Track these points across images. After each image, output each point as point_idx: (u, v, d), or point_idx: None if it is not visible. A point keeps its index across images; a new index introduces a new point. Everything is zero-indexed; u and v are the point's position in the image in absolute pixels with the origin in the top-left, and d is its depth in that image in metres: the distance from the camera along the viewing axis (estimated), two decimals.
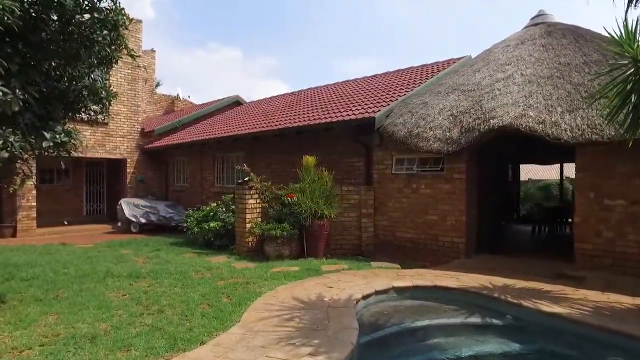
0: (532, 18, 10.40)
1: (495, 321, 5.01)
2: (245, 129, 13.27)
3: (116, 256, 8.67)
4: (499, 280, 6.24)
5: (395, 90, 11.27)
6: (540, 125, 7.14)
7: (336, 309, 4.73)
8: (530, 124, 7.20)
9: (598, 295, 5.62)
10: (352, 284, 5.98)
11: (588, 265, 7.05)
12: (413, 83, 11.43)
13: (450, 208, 8.44)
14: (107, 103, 5.62)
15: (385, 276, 6.50)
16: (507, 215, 14.28)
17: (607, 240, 6.92)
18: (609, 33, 5.36)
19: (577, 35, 8.95)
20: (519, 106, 7.60)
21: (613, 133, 6.59)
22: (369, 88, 12.89)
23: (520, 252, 8.99)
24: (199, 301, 5.23)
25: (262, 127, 12.57)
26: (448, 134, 8.25)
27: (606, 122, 6.30)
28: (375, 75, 15.49)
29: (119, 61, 5.57)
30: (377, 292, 5.57)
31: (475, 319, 5.09)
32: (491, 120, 7.65)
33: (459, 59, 12.79)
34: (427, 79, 11.25)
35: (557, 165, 25.16)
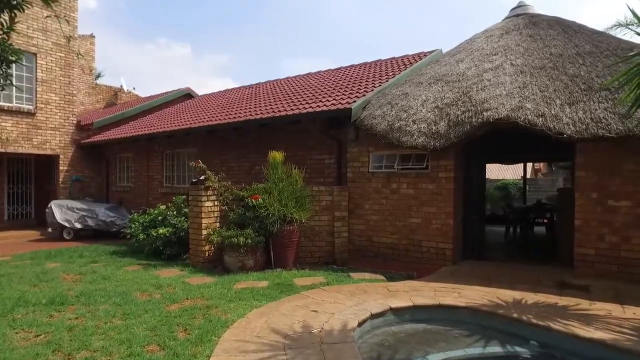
0: (513, 9, 9.83)
1: (519, 350, 4.12)
2: (198, 122, 11.84)
3: (38, 273, 7.04)
4: (506, 294, 5.41)
5: (368, 81, 10.32)
6: (540, 119, 6.42)
7: (333, 346, 3.62)
8: (529, 117, 6.46)
9: (619, 309, 4.91)
10: (339, 305, 4.90)
11: (590, 272, 6.41)
12: (386, 75, 10.54)
13: (435, 210, 7.58)
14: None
15: (376, 293, 5.48)
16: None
17: (611, 244, 6.31)
18: (634, 13, 4.69)
19: (564, 26, 8.41)
20: (514, 98, 6.86)
21: (621, 127, 5.96)
22: (338, 80, 11.89)
23: (506, 257, 8.31)
24: (145, 340, 3.92)
25: (219, 119, 11.21)
26: (434, 127, 7.39)
27: (627, 114, 5.65)
28: (339, 68, 14.51)
29: (49, 42, 4.11)
30: (372, 316, 4.53)
31: (495, 348, 4.18)
32: (484, 113, 6.86)
33: (430, 52, 12.08)
34: (401, 70, 10.41)
35: (513, 165, 25.53)
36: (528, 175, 22.90)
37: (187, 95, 19.61)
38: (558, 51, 7.65)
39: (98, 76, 26.22)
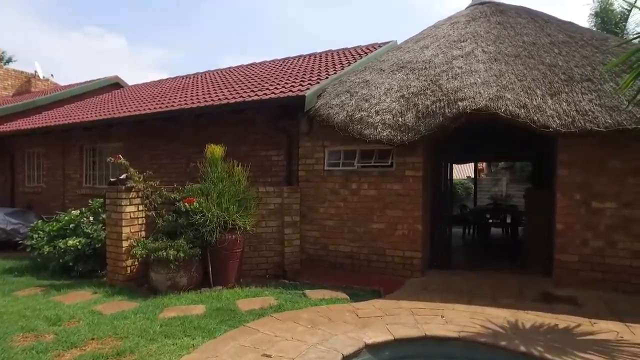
0: None
1: None
2: (125, 112, 10.15)
3: None
4: (495, 315, 4.54)
5: (321, 69, 9.24)
6: (522, 110, 5.67)
7: None
8: (511, 107, 5.69)
9: (624, 329, 4.19)
10: (299, 343, 3.75)
11: (573, 280, 5.75)
12: (340, 64, 9.52)
13: (401, 214, 6.64)
14: None
15: (342, 321, 4.38)
16: None
17: (595, 250, 5.69)
18: None
19: (533, 15, 7.83)
20: (491, 86, 6.07)
21: (610, 121, 5.33)
22: (287, 69, 10.70)
23: (473, 264, 7.58)
24: None
25: (149, 109, 9.61)
26: (401, 119, 6.45)
27: (629, 104, 4.99)
28: (287, 58, 13.31)
29: None
30: (345, 358, 3.42)
31: None
32: (459, 103, 6.01)
33: (384, 43, 11.24)
34: (356, 60, 9.43)
35: (457, 165, 25.62)
36: (472, 176, 23.01)
37: (115, 85, 17.48)
38: (531, 39, 7.00)
39: (9, 61, 23.01)
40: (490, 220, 10.80)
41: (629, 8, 18.68)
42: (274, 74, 10.42)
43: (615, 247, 5.59)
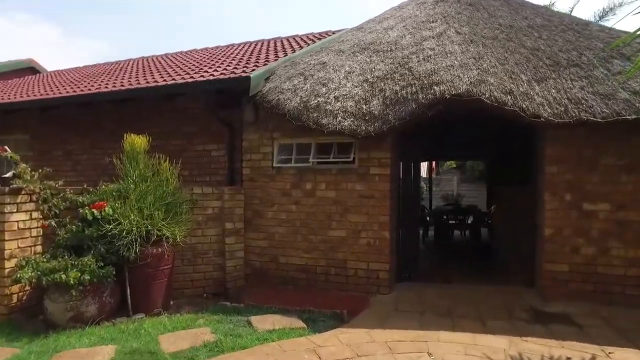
0: None
1: None
2: (31, 96, 8.38)
3: None
4: (492, 346, 3.62)
5: (269, 53, 8.06)
6: (509, 97, 4.83)
7: None
8: (496, 93, 4.84)
9: None
10: None
11: (562, 293, 5.01)
12: (292, 48, 8.39)
13: (365, 219, 5.63)
14: None
15: None
16: None
17: (587, 258, 4.97)
18: None
19: None
20: (471, 70, 5.20)
21: (606, 110, 4.61)
22: (231, 54, 9.38)
23: (444, 273, 6.71)
24: None
25: (60, 93, 7.94)
26: (365, 106, 5.44)
27: None
28: (231, 45, 11.94)
29: None
30: None
31: None
32: (435, 88, 5.08)
33: (337, 31, 10.23)
34: (309, 45, 8.34)
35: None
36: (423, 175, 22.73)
37: (30, 68, 15.16)
38: (507, 22, 6.26)
39: None
40: (452, 222, 10.11)
41: None
42: (215, 58, 9.08)
43: (608, 254, 4.91)
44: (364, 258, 5.64)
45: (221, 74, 6.38)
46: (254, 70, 6.19)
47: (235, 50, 10.14)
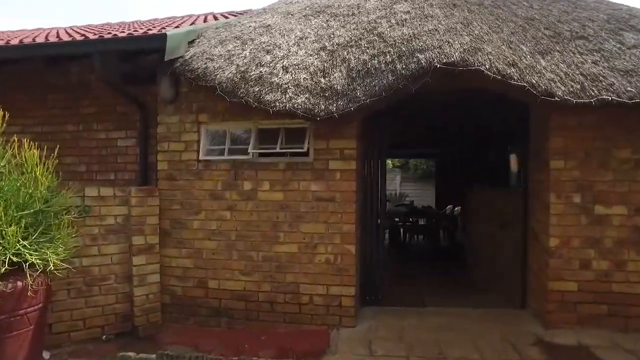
0: None
1: None
2: None
3: None
4: None
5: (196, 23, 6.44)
6: (513, 70, 3.71)
7: None
8: (497, 64, 3.69)
9: None
10: None
11: (570, 318, 4.03)
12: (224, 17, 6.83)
13: (323, 229, 4.28)
14: None
15: None
16: None
17: (599, 274, 4.01)
18: None
19: None
20: (461, 35, 4.03)
21: (631, 89, 3.65)
22: (150, 25, 7.58)
23: (417, 291, 5.50)
24: None
25: None
26: (324, 80, 4.09)
27: None
28: (154, 19, 9.98)
29: None
30: None
31: None
32: (419, 55, 3.83)
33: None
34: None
35: None
36: None
37: None
38: None
39: None
40: (407, 225, 9.06)
41: None
42: (131, 28, 7.23)
43: (625, 268, 3.98)
44: (322, 280, 4.30)
45: (129, 33, 4.70)
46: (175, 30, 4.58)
47: (158, 23, 8.33)
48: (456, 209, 8.99)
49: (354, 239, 4.25)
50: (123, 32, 5.24)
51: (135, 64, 4.71)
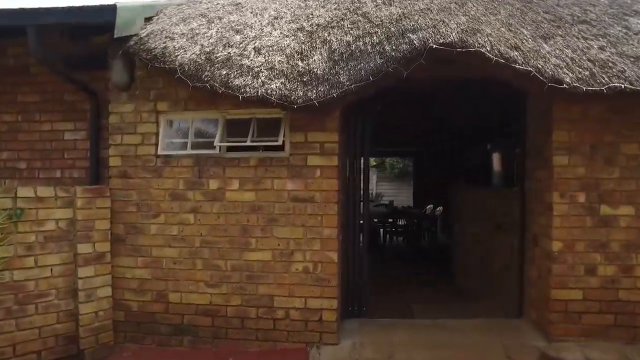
0: None
1: None
2: None
3: None
4: None
5: None
6: (517, 53, 3.29)
7: None
8: (499, 47, 3.26)
9: None
10: None
11: (574, 329, 3.66)
12: None
13: (301, 234, 3.77)
14: None
15: None
16: None
17: (605, 280, 3.64)
18: None
19: None
20: (456, 15, 3.58)
21: None
22: None
23: (402, 299, 5.04)
24: None
25: None
26: (302, 63, 3.58)
27: None
28: None
29: None
30: None
31: None
32: (411, 36, 3.36)
33: None
34: None
35: None
36: None
37: None
38: None
39: None
40: (387, 226, 8.62)
41: None
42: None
43: (632, 274, 3.63)
44: (299, 292, 3.78)
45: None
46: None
47: None
48: (437, 209, 8.63)
49: (335, 245, 3.75)
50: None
51: (85, 44, 4.08)
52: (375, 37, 3.56)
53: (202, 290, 3.90)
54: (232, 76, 3.51)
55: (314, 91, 3.39)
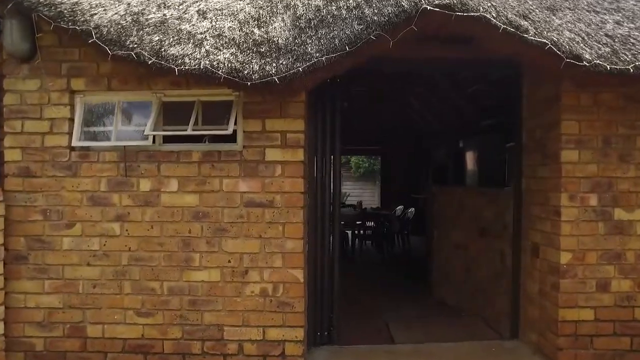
0: None
1: None
2: None
3: None
4: None
5: None
6: (527, 22, 2.65)
7: None
8: (509, 14, 2.61)
9: None
10: None
11: (586, 355, 3.09)
12: None
13: (258, 247, 3.00)
14: None
15: None
16: None
17: (619, 297, 3.09)
18: None
19: None
20: None
21: None
22: None
23: (375, 313, 4.37)
24: None
25: None
26: (259, 30, 2.81)
27: None
28: None
29: None
30: None
31: None
32: None
33: None
34: None
35: None
36: None
37: None
38: None
39: None
40: (359, 231, 7.92)
41: None
42: None
43: None
44: (256, 320, 3.00)
45: None
46: None
47: None
48: (409, 210, 8.04)
49: (301, 261, 3.00)
50: None
51: None
52: (351, 0, 2.83)
53: (132, 321, 3.05)
54: (166, 43, 2.69)
55: (274, 65, 2.63)
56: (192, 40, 2.72)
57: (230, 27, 2.83)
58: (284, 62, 2.64)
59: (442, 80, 4.35)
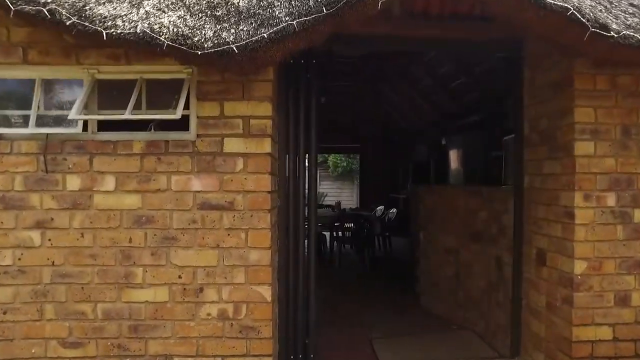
0: None
1: None
2: None
3: None
4: None
5: None
6: None
7: None
8: None
9: None
10: None
11: None
12: None
13: (215, 259, 2.44)
14: None
15: None
16: None
17: (638, 312, 2.67)
18: None
19: None
20: None
21: None
22: None
23: (358, 331, 3.85)
24: None
25: None
26: None
27: None
28: None
29: None
30: None
31: None
32: None
33: None
34: None
35: None
36: None
37: None
38: None
39: None
40: (338, 234, 7.38)
41: None
42: None
43: None
44: (212, 349, 2.44)
45: None
46: None
47: None
48: (390, 211, 7.57)
49: (268, 275, 2.45)
50: None
51: None
52: None
53: (55, 354, 2.44)
54: (90, 4, 2.09)
55: (232, 31, 2.08)
56: None
57: None
58: (245, 28, 2.09)
59: (437, 64, 3.88)
